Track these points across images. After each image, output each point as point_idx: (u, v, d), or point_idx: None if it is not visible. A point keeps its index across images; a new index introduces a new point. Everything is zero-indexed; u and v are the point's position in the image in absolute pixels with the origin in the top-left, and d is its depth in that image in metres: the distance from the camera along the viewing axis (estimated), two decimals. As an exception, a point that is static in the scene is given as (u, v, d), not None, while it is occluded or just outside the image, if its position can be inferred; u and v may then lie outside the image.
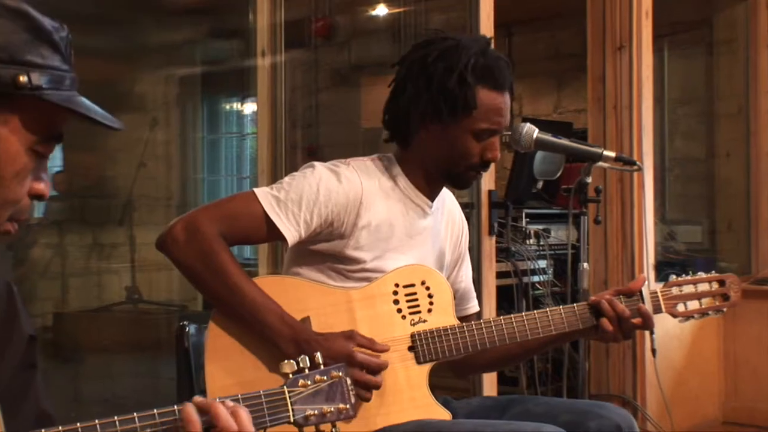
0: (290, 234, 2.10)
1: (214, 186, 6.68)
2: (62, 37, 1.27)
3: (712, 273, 2.40)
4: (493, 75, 2.20)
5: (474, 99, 2.17)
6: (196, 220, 2.07)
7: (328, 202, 2.12)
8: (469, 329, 2.19)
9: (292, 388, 1.49)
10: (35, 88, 1.21)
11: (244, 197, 2.16)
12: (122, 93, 5.92)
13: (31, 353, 1.41)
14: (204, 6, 5.82)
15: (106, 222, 5.93)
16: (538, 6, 5.93)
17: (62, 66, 1.26)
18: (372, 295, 2.17)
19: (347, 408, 1.54)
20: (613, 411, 2.23)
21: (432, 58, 2.20)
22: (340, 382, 1.55)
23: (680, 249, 5.63)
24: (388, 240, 2.21)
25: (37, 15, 1.24)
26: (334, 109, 6.22)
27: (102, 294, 5.90)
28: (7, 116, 1.21)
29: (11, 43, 1.20)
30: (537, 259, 4.47)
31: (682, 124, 5.92)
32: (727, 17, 5.71)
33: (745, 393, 5.20)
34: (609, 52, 4.79)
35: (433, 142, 2.23)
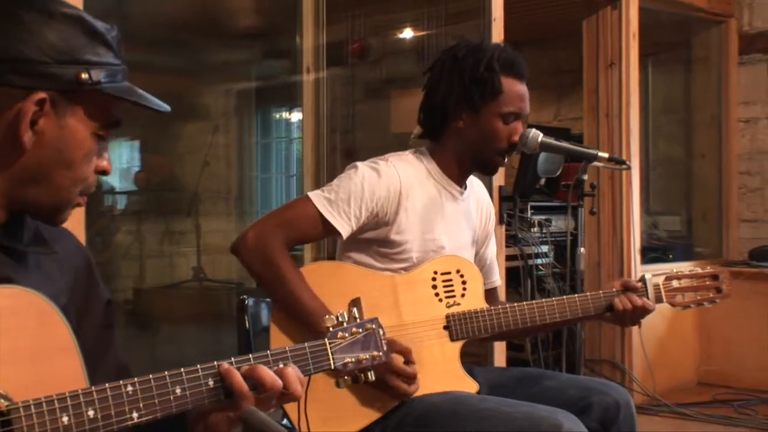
0: (344, 229, 2.08)
1: (266, 182, 6.65)
2: (113, 37, 1.25)
3: (707, 269, 2.38)
4: (515, 65, 2.20)
5: (500, 84, 2.16)
6: (263, 231, 2.05)
7: (372, 196, 2.10)
8: (497, 312, 2.18)
9: (332, 339, 1.46)
10: (95, 83, 1.20)
11: (301, 202, 2.13)
12: (190, 104, 5.89)
13: (108, 315, 1.39)
14: (258, 31, 5.81)
15: (176, 213, 5.88)
16: (541, 28, 5.89)
17: (115, 61, 1.24)
18: (413, 280, 2.15)
19: (380, 355, 1.52)
20: (613, 389, 2.20)
21: (462, 54, 2.20)
22: (374, 333, 1.53)
23: (662, 236, 5.62)
24: (425, 223, 2.18)
25: (90, 19, 1.23)
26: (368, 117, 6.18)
27: (173, 273, 5.88)
28: (72, 108, 1.20)
29: (72, 45, 1.19)
30: (540, 244, 4.48)
31: (664, 130, 5.87)
32: (703, 39, 5.68)
33: (717, 358, 5.20)
34: (602, 69, 4.81)
35: (466, 130, 2.21)
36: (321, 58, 4.24)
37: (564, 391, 2.18)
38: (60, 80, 1.18)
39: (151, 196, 5.99)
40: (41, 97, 1.17)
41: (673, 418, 4.50)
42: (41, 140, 1.19)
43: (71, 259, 1.35)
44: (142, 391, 1.19)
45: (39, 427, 1.09)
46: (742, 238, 5.49)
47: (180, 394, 1.23)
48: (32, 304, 1.15)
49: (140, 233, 5.79)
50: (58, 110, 1.19)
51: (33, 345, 1.13)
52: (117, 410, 1.16)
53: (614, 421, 2.13)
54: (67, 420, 1.11)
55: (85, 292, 1.36)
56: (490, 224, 2.46)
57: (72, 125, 1.21)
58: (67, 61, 1.18)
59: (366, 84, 6.21)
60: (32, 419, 1.08)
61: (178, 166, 6.03)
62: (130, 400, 1.17)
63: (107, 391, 1.15)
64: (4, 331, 1.10)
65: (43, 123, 1.19)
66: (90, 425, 1.13)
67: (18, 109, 1.16)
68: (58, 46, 1.18)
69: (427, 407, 2.02)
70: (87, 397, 1.13)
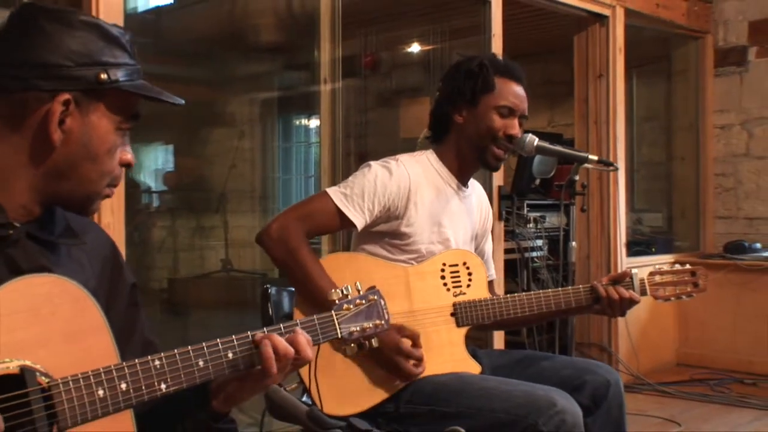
0: (358, 221, 2.08)
1: (287, 183, 6.65)
2: (127, 40, 1.25)
3: (686, 266, 2.37)
4: (509, 67, 2.20)
5: (492, 80, 2.16)
6: (285, 222, 2.04)
7: (384, 191, 2.10)
8: (499, 301, 2.16)
9: (338, 311, 1.46)
10: (114, 82, 1.20)
11: (320, 198, 2.12)
12: (217, 112, 5.90)
13: (133, 296, 1.39)
14: (280, 45, 5.80)
15: (206, 210, 5.89)
16: (535, 44, 5.90)
17: (130, 62, 1.24)
18: (424, 271, 2.15)
19: (382, 323, 1.52)
20: (604, 369, 2.19)
21: (461, 61, 2.23)
22: (377, 304, 1.52)
23: (645, 231, 5.61)
24: (432, 217, 2.17)
25: (106, 26, 1.23)
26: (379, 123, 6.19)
27: (203, 264, 5.88)
28: (95, 105, 1.20)
29: (91, 49, 1.19)
30: (535, 239, 4.48)
31: (647, 135, 5.86)
32: (682, 53, 5.65)
33: (694, 341, 5.20)
34: (591, 80, 4.79)
35: (465, 125, 2.21)
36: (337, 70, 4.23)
37: (559, 371, 2.17)
38: (82, 81, 1.18)
39: (183, 195, 6.00)
40: (66, 98, 1.17)
41: (655, 396, 4.49)
42: (69, 138, 1.19)
43: (99, 248, 1.35)
44: (169, 365, 1.20)
45: (77, 401, 1.09)
46: (717, 233, 5.47)
47: (203, 366, 1.24)
48: (65, 290, 1.14)
49: (174, 228, 5.80)
50: (82, 109, 1.19)
51: (68, 327, 1.13)
52: (146, 382, 1.17)
53: (604, 398, 2.12)
54: (102, 393, 1.12)
55: (112, 278, 1.36)
56: (488, 223, 2.44)
57: (95, 121, 1.20)
58: (87, 64, 1.18)
59: (377, 94, 6.22)
60: (71, 394, 1.09)
61: (207, 168, 6.04)
62: (158, 373, 1.18)
63: (137, 366, 1.16)
64: (41, 316, 1.10)
65: (70, 122, 1.18)
66: (123, 397, 1.14)
67: (46, 111, 1.16)
68: (79, 51, 1.18)
69: (435, 386, 2.02)
70: (119, 371, 1.14)
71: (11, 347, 1.06)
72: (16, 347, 1.06)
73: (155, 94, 1.25)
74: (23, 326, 1.08)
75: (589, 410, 2.08)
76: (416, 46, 6.06)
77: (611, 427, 2.12)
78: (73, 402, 1.08)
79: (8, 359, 1.06)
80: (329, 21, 4.15)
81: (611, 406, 2.12)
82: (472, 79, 2.17)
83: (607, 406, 2.11)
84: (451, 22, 5.49)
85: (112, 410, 1.12)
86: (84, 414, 1.09)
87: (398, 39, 6.03)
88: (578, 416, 1.90)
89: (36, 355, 1.08)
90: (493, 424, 1.89)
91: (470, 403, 1.94)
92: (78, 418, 1.09)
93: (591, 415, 2.09)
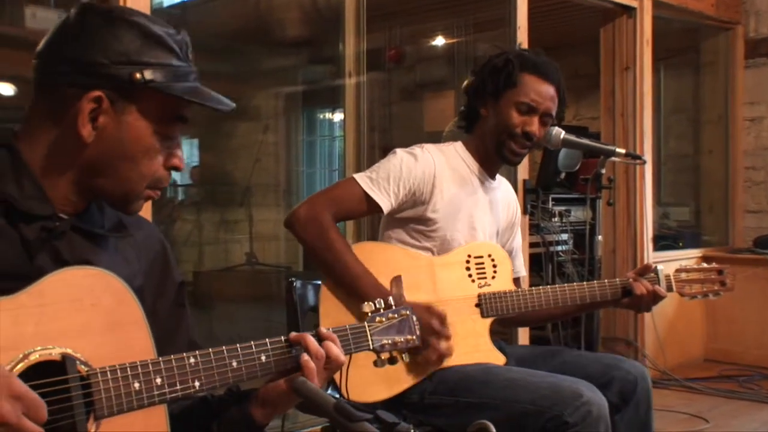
0: (384, 204, 2.09)
1: (311, 176, 6.67)
2: (177, 40, 1.23)
3: (713, 264, 2.38)
4: (538, 65, 2.19)
5: (516, 76, 2.16)
6: (314, 205, 2.05)
7: (410, 176, 2.11)
8: (524, 294, 2.16)
9: (371, 323, 1.48)
10: (149, 82, 1.18)
11: (347, 182, 2.14)
12: (243, 106, 5.92)
13: (180, 296, 1.40)
14: (305, 39, 5.82)
15: (230, 203, 5.93)
16: (560, 36, 5.88)
17: (176, 63, 1.21)
18: (449, 262, 2.15)
19: (414, 338, 1.54)
20: (631, 365, 2.18)
21: (492, 54, 2.24)
22: (408, 319, 1.54)
23: (672, 225, 5.57)
24: (457, 204, 2.18)
25: (149, 24, 1.21)
26: (403, 117, 6.18)
27: (228, 257, 5.93)
28: (129, 106, 1.19)
29: (128, 49, 1.18)
30: (560, 233, 4.46)
31: (674, 128, 5.82)
32: (712, 44, 5.60)
33: (723, 337, 5.15)
34: (617, 72, 4.75)
35: (488, 118, 2.22)
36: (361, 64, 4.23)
37: (585, 367, 2.16)
38: (116, 80, 1.18)
39: (208, 189, 6.06)
40: (97, 95, 1.17)
41: (683, 392, 4.46)
42: (102, 135, 1.19)
43: (149, 245, 1.37)
44: (203, 363, 1.22)
45: (114, 391, 1.12)
46: (747, 228, 5.42)
47: (236, 367, 1.26)
48: (108, 283, 1.17)
49: (199, 222, 5.85)
50: (116, 107, 1.19)
51: (108, 319, 1.15)
52: (181, 379, 1.19)
53: (632, 394, 2.11)
54: (138, 386, 1.14)
55: (161, 276, 1.38)
56: (515, 219, 2.43)
57: (130, 121, 1.20)
58: (123, 62, 1.18)
59: (401, 87, 6.21)
60: (108, 384, 1.11)
61: (231, 162, 6.08)
62: (192, 371, 1.20)
63: (173, 362, 1.19)
64: (83, 307, 1.12)
65: (103, 119, 1.18)
66: (158, 391, 1.16)
67: (78, 108, 1.18)
68: (116, 49, 1.18)
69: (460, 376, 2.03)
70: (155, 366, 1.16)
71: (54, 335, 1.09)
72: (58, 335, 1.09)
73: (195, 98, 1.22)
74: (65, 316, 1.11)
75: (616, 407, 2.08)
76: (441, 39, 6.05)
77: (639, 423, 2.12)
78: (110, 392, 1.11)
79: (51, 346, 1.09)
80: (354, 14, 4.16)
81: (639, 402, 2.12)
82: (496, 74, 2.19)
83: (635, 402, 2.11)
84: (475, 15, 5.47)
85: (146, 403, 1.15)
86: (120, 405, 1.12)
87: (422, 32, 6.02)
88: (604, 408, 1.90)
89: (76, 344, 1.11)
90: (518, 415, 1.90)
91: (495, 393, 1.95)
92: (114, 408, 1.11)
93: (619, 412, 2.09)
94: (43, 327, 1.08)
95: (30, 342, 1.07)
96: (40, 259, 1.16)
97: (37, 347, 1.07)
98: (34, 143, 1.20)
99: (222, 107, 1.25)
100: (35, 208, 1.17)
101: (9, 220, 1.15)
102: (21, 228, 1.16)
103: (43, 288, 1.09)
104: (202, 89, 1.25)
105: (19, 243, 1.15)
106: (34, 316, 1.07)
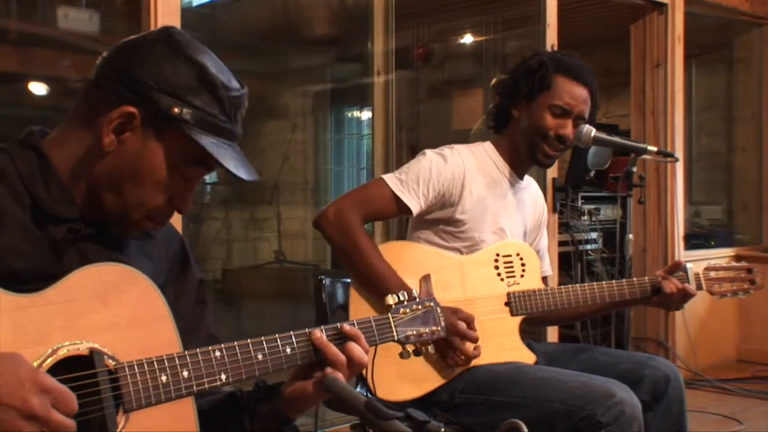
0: (414, 206, 2.08)
1: (339, 175, 6.69)
2: (230, 96, 1.22)
3: (743, 263, 2.36)
4: (572, 68, 2.17)
5: (549, 78, 2.14)
6: (342, 207, 2.05)
7: (439, 178, 2.10)
8: (553, 292, 2.15)
9: (395, 314, 1.48)
10: (183, 121, 1.17)
11: (376, 183, 2.13)
12: (271, 105, 5.97)
13: (201, 292, 1.41)
14: (333, 38, 5.84)
15: (259, 201, 5.97)
16: (590, 33, 5.84)
17: (220, 116, 1.21)
18: (478, 261, 2.14)
19: (438, 329, 1.53)
20: (663, 364, 2.15)
21: (527, 56, 2.23)
22: (433, 310, 1.53)
23: (704, 224, 5.50)
24: (486, 206, 2.17)
25: (212, 71, 1.21)
26: (431, 115, 6.17)
27: (256, 255, 5.97)
28: (158, 136, 1.19)
29: (179, 83, 1.18)
30: (589, 231, 4.44)
31: (706, 125, 5.75)
32: (745, 41, 5.52)
33: (756, 337, 5.08)
34: (648, 69, 4.71)
35: (520, 120, 2.20)
36: (390, 62, 4.24)
37: (616, 365, 2.14)
38: (154, 105, 1.18)
39: (236, 187, 6.08)
40: (131, 111, 1.18)
41: (715, 393, 4.40)
42: (122, 150, 1.19)
43: (169, 244, 1.38)
44: (229, 356, 1.22)
45: (142, 384, 1.13)
46: (781, 227, 5.34)
47: (261, 360, 1.26)
48: (132, 279, 1.18)
49: (227, 220, 5.90)
50: (145, 131, 1.19)
51: (133, 314, 1.16)
52: (207, 372, 1.19)
53: (664, 393, 2.09)
54: (165, 379, 1.15)
55: (181, 273, 1.39)
56: (542, 219, 2.42)
57: (152, 149, 1.20)
58: (168, 93, 1.18)
59: (430, 85, 6.20)
60: (136, 377, 1.12)
61: (260, 160, 6.10)
62: (218, 364, 1.21)
63: (199, 355, 1.19)
64: (109, 302, 1.14)
65: (129, 135, 1.19)
66: (185, 384, 1.17)
67: (110, 114, 1.18)
68: (168, 79, 1.18)
69: (490, 374, 2.02)
70: (182, 360, 1.17)
71: (82, 330, 1.10)
72: (85, 330, 1.11)
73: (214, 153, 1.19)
74: (93, 311, 1.12)
75: (648, 405, 2.05)
76: (469, 37, 6.03)
77: (671, 422, 2.09)
78: (138, 385, 1.12)
79: (79, 341, 1.10)
80: (383, 12, 4.17)
81: (671, 401, 2.09)
82: (530, 76, 2.17)
83: (667, 401, 2.08)
84: (504, 13, 5.45)
85: (174, 396, 1.16)
86: (148, 398, 1.13)
87: (451, 30, 6.01)
88: (637, 408, 1.88)
89: (104, 339, 1.12)
90: (549, 414, 1.88)
91: (525, 393, 1.93)
92: (142, 401, 1.12)
93: (650, 410, 2.06)
94: (71, 322, 1.09)
95: (58, 337, 1.08)
96: (68, 260, 1.18)
97: (65, 342, 1.08)
98: (63, 147, 1.21)
99: (241, 174, 1.21)
100: (63, 211, 1.19)
101: (37, 223, 1.17)
102: (49, 229, 1.17)
103: (70, 284, 1.11)
104: (232, 150, 1.22)
105: (47, 245, 1.17)
106: (62, 312, 1.09)
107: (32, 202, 1.17)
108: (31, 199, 1.17)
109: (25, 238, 1.15)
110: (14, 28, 3.92)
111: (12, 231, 1.14)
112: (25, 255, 1.14)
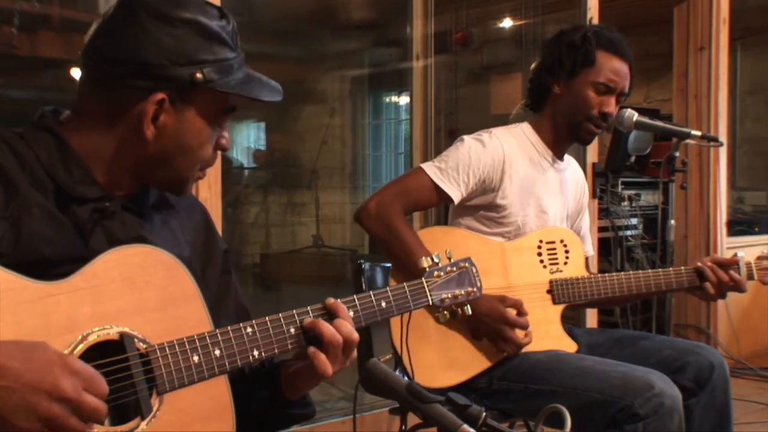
0: (455, 194, 2.06)
1: (377, 160, 6.67)
2: (228, 32, 1.22)
3: None
4: (614, 43, 2.12)
5: (593, 54, 2.09)
6: (383, 199, 2.03)
7: (479, 164, 2.07)
8: (596, 280, 2.11)
9: (429, 278, 1.44)
10: (209, 81, 1.17)
11: (415, 173, 2.10)
12: (309, 89, 5.97)
13: (226, 263, 1.39)
14: (371, 21, 5.81)
15: (297, 186, 5.99)
16: (631, 15, 5.73)
17: (230, 54, 1.21)
18: (520, 247, 2.11)
19: (474, 290, 1.49)
20: (707, 351, 2.11)
21: (566, 29, 2.17)
22: (468, 271, 1.49)
23: (747, 210, 5.40)
24: (526, 189, 2.13)
25: (206, 21, 1.19)
26: (470, 100, 6.13)
27: (295, 240, 5.98)
28: (189, 104, 1.19)
29: (187, 48, 1.17)
30: (629, 217, 4.38)
31: (750, 110, 5.63)
32: (792, 22, 5.40)
33: (801, 326, 4.96)
34: (692, 52, 4.60)
35: (561, 97, 2.15)
36: (429, 46, 4.21)
37: (659, 351, 2.09)
38: (177, 81, 1.17)
39: (275, 171, 6.11)
40: (160, 97, 1.16)
41: (758, 381, 4.31)
42: (163, 133, 1.19)
43: (192, 216, 1.37)
44: (260, 332, 1.21)
45: (174, 366, 1.12)
46: (828, 213, 5.20)
47: (294, 333, 1.24)
48: (159, 259, 1.16)
49: (266, 204, 5.92)
50: (177, 107, 1.18)
51: (162, 295, 1.15)
52: (239, 349, 1.18)
53: (708, 380, 2.04)
54: (197, 359, 1.14)
55: (206, 244, 1.37)
56: (584, 199, 2.38)
57: (190, 118, 1.20)
58: (182, 63, 1.17)
59: (468, 70, 6.16)
60: (168, 359, 1.11)
61: (298, 145, 6.11)
62: (250, 340, 1.20)
63: (230, 333, 1.18)
64: (136, 285, 1.12)
65: (164, 118, 1.18)
66: (217, 362, 1.16)
67: (140, 109, 1.17)
68: (175, 50, 1.16)
69: (531, 362, 1.99)
70: (213, 339, 1.16)
71: (110, 315, 1.09)
72: (115, 315, 1.09)
73: (249, 93, 1.22)
74: (120, 295, 1.11)
75: (692, 392, 2.02)
76: (508, 20, 5.96)
77: (716, 410, 2.05)
78: (170, 367, 1.11)
79: (108, 326, 1.08)
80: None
81: (716, 388, 2.04)
82: (573, 51, 2.11)
83: (711, 388, 2.04)
84: (544, -4, 5.37)
85: (207, 375, 1.14)
86: (180, 379, 1.12)
87: (490, 14, 5.94)
88: (677, 400, 1.83)
89: (133, 322, 1.11)
90: (587, 404, 1.85)
91: (564, 382, 1.90)
92: (175, 382, 1.11)
93: (694, 396, 2.02)
94: (100, 307, 1.08)
95: (88, 323, 1.07)
96: (94, 241, 1.16)
97: (94, 328, 1.07)
98: (84, 135, 1.20)
99: (276, 98, 1.25)
100: (86, 192, 1.17)
101: (61, 207, 1.16)
102: (74, 210, 1.16)
103: (95, 269, 1.09)
104: (252, 76, 1.24)
105: (72, 228, 1.16)
106: (90, 297, 1.07)
107: (54, 185, 1.15)
108: (53, 183, 1.15)
109: (51, 223, 1.14)
110: (57, 14, 3.94)
111: (37, 218, 1.12)
112: (53, 241, 1.13)
